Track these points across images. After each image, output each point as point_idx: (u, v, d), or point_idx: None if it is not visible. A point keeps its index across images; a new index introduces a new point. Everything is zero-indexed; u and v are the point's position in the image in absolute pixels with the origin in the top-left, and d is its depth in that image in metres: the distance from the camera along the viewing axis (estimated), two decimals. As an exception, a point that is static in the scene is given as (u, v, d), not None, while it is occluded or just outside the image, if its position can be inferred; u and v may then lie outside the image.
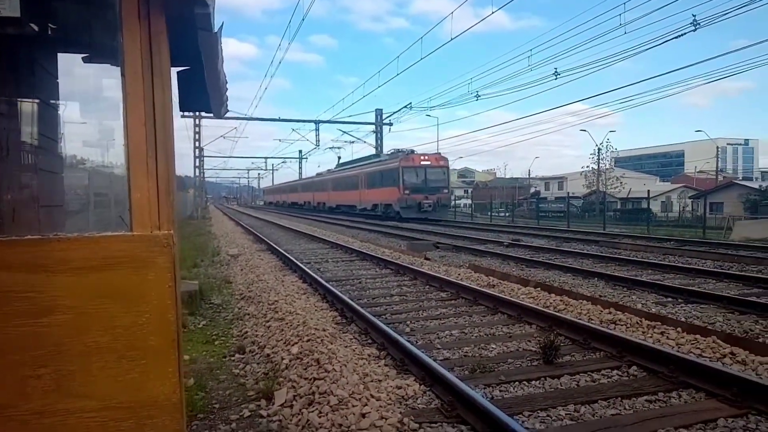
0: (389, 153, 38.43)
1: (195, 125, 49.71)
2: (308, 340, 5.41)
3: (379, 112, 47.74)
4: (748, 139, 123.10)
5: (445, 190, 33.90)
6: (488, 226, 28.22)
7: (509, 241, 17.57)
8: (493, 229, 25.07)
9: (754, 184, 49.66)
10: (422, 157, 33.57)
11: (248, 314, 7.33)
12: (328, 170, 55.43)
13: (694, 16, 17.94)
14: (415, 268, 10.68)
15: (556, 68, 24.18)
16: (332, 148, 54.62)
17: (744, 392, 3.98)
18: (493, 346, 5.61)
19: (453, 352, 5.47)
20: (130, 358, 2.43)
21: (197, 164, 54.64)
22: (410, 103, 40.52)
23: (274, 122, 51.95)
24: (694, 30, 18.00)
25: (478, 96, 30.16)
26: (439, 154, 34.79)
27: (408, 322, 6.72)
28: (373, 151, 47.18)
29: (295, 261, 11.91)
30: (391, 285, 9.54)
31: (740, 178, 72.40)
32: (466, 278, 9.71)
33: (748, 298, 7.78)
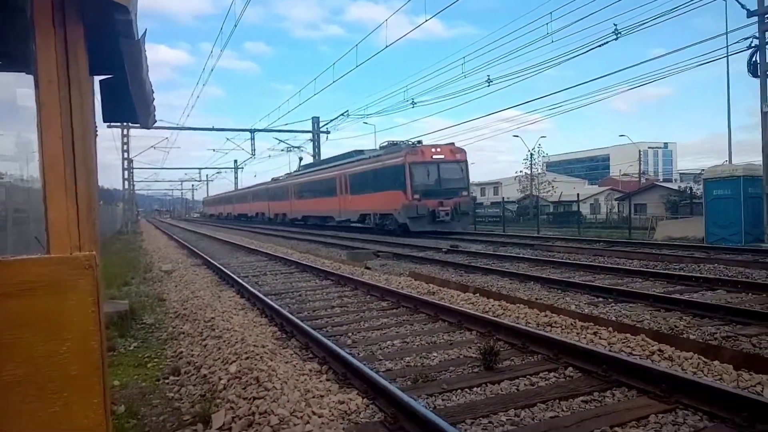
0: (383, 146, 29.48)
1: (123, 135, 47.84)
2: (247, 358, 5.26)
3: (316, 120, 47.56)
4: (667, 143, 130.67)
5: (465, 193, 25.87)
6: (427, 233, 27.69)
7: (448, 247, 17.82)
8: (432, 236, 25.31)
9: (674, 186, 52.80)
10: (434, 150, 25.49)
11: (183, 333, 7.06)
12: (288, 174, 47.03)
13: (616, 25, 18.93)
14: (356, 278, 10.63)
15: (488, 75, 24.70)
16: (291, 149, 49.84)
17: (672, 388, 4.17)
18: (435, 355, 5.63)
19: (395, 362, 5.45)
20: (51, 391, 2.28)
21: (126, 176, 52.59)
22: (347, 110, 40.20)
23: (208, 131, 50.04)
24: (616, 38, 18.99)
25: (414, 103, 30.54)
26: (454, 144, 26.46)
27: (350, 334, 6.66)
28: (310, 159, 46.71)
29: (232, 275, 11.60)
30: (331, 296, 9.44)
31: (661, 180, 76.77)
32: (407, 286, 9.76)
33: (673, 296, 8.20)
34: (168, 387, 5.10)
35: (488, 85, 24.76)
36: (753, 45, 16.78)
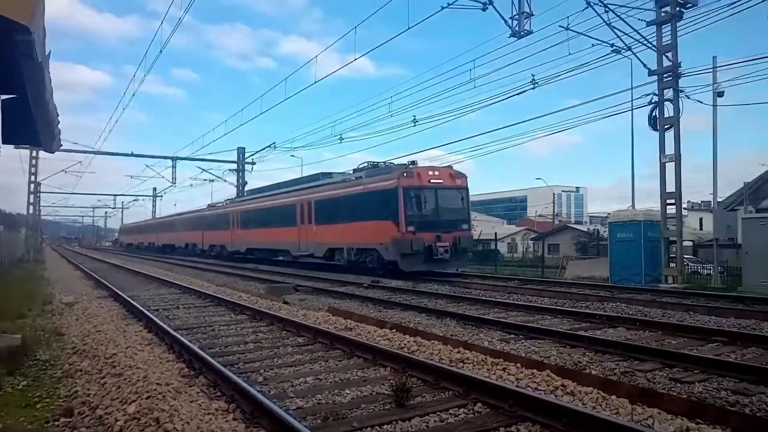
0: (362, 167, 24.38)
1: (31, 158, 45.05)
2: (148, 397, 4.97)
3: (241, 151, 46.94)
4: (579, 187, 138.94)
5: (465, 226, 21.65)
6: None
7: (369, 282, 17.85)
8: (355, 270, 25.18)
9: (584, 228, 55.89)
10: (432, 173, 21.09)
11: (80, 371, 6.58)
12: (229, 200, 41.04)
13: (533, 75, 20.15)
14: (273, 312, 10.40)
15: (414, 116, 25.35)
16: (215, 178, 47.84)
17: (573, 422, 4.33)
18: (348, 392, 5.57)
19: (307, 400, 5.34)
20: None
21: (32, 201, 49.32)
22: (274, 142, 39.89)
23: (126, 157, 47.80)
24: (533, 88, 20.20)
25: (342, 138, 30.88)
26: (451, 167, 22.26)
27: (262, 371, 6.47)
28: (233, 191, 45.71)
29: (140, 308, 11.02)
30: (246, 332, 9.17)
31: (573, 222, 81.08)
32: (324, 322, 9.65)
33: (578, 333, 8.60)
34: (58, 430, 4.72)
35: (414, 125, 25.42)
36: (653, 101, 18.30)
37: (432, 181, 20.87)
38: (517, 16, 16.27)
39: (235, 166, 46.85)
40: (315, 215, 25.24)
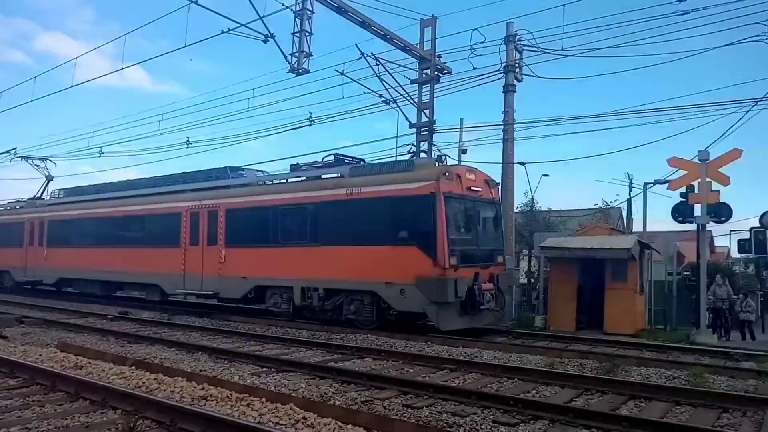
0: (323, 162, 16.30)
1: None
2: None
3: (-34, 154, 39.17)
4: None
5: (501, 258, 14.77)
6: (98, 298, 21.42)
7: (116, 313, 16.11)
8: (102, 302, 22.40)
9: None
10: (469, 177, 14.10)
11: None
12: (28, 200, 26.60)
13: (311, 113, 20.86)
14: (-19, 350, 8.68)
15: (188, 137, 24.13)
16: None
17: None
18: (63, 441, 4.85)
19: (6, 455, 4.49)
20: None
21: None
22: (15, 148, 33.90)
23: None
24: (310, 125, 20.92)
25: (101, 152, 27.93)
26: (478, 170, 15.05)
27: (-52, 424, 5.29)
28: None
29: None
30: (-63, 374, 7.45)
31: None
32: (49, 360, 8.37)
33: (328, 364, 8.87)
34: None
35: (187, 147, 24.20)
36: (412, 150, 20.26)
37: (473, 188, 14.07)
38: (296, 54, 16.67)
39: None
40: (226, 231, 16.43)
